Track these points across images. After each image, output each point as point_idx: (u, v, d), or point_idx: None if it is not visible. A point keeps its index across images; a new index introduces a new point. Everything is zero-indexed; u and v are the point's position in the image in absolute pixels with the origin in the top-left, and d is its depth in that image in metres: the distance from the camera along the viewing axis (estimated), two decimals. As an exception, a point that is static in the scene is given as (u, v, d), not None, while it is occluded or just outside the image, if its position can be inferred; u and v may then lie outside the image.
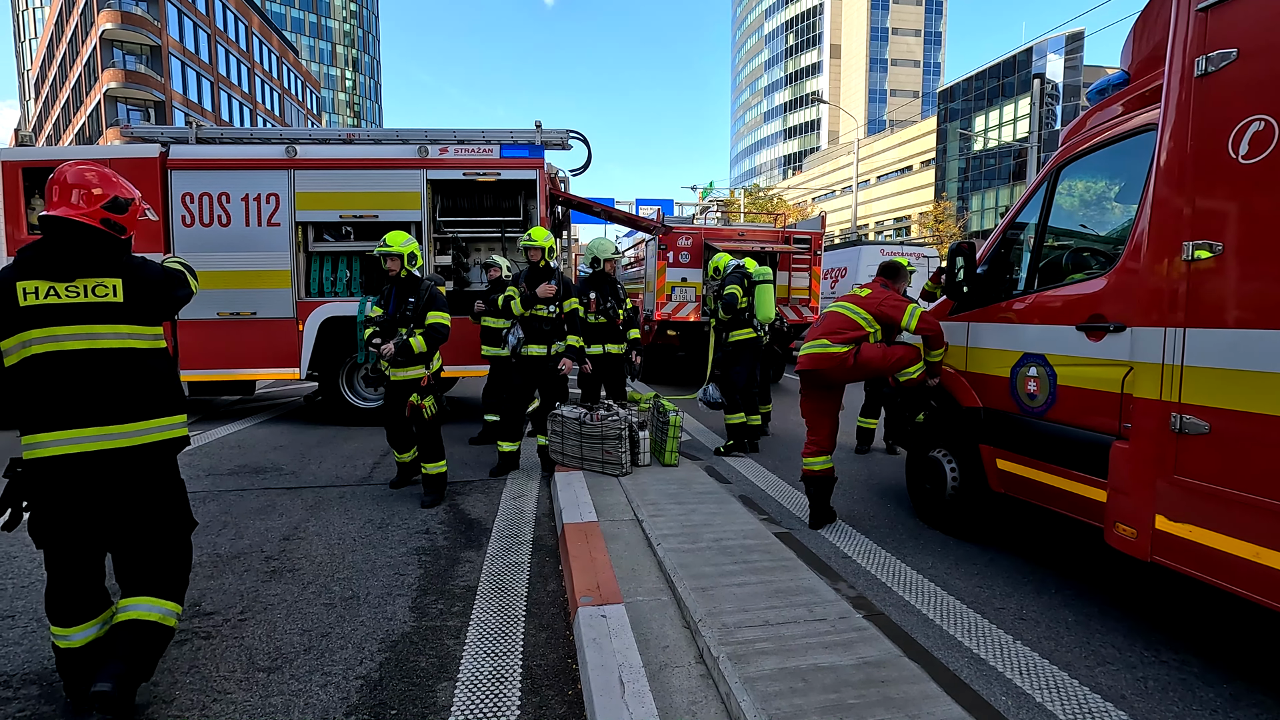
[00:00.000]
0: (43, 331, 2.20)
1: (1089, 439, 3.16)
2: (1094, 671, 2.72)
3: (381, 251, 4.83)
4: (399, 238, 4.86)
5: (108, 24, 41.15)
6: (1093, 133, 3.50)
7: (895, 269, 4.58)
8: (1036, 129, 25.83)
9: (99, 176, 2.35)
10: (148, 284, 2.37)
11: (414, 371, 4.82)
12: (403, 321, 4.80)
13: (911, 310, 4.15)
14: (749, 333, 6.57)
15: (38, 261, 2.23)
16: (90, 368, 2.25)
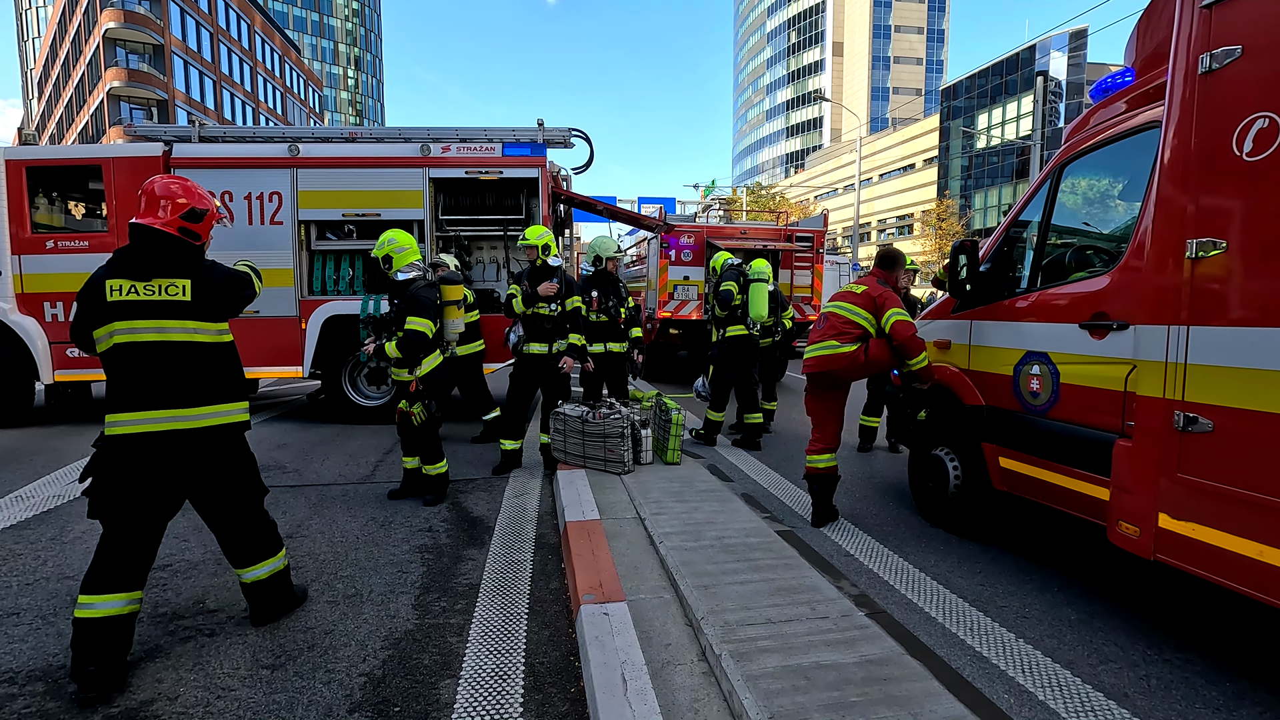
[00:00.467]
0: (123, 324, 2.55)
1: (1092, 437, 3.16)
2: (1096, 670, 2.72)
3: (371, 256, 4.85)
4: (403, 236, 4.78)
5: (111, 23, 41.22)
6: (1096, 130, 3.49)
7: (890, 258, 4.50)
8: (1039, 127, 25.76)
9: (182, 189, 2.69)
10: (213, 285, 2.67)
11: (405, 374, 4.73)
12: (388, 324, 4.75)
13: (890, 314, 4.12)
14: (741, 329, 6.60)
15: (123, 263, 2.58)
16: (160, 357, 2.58)
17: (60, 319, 7.37)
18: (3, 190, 7.30)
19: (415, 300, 4.53)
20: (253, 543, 2.92)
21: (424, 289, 4.64)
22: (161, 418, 2.58)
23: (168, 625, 3.03)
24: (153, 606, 3.21)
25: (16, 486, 5.17)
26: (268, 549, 2.97)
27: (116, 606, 2.51)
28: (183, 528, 4.31)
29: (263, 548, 2.95)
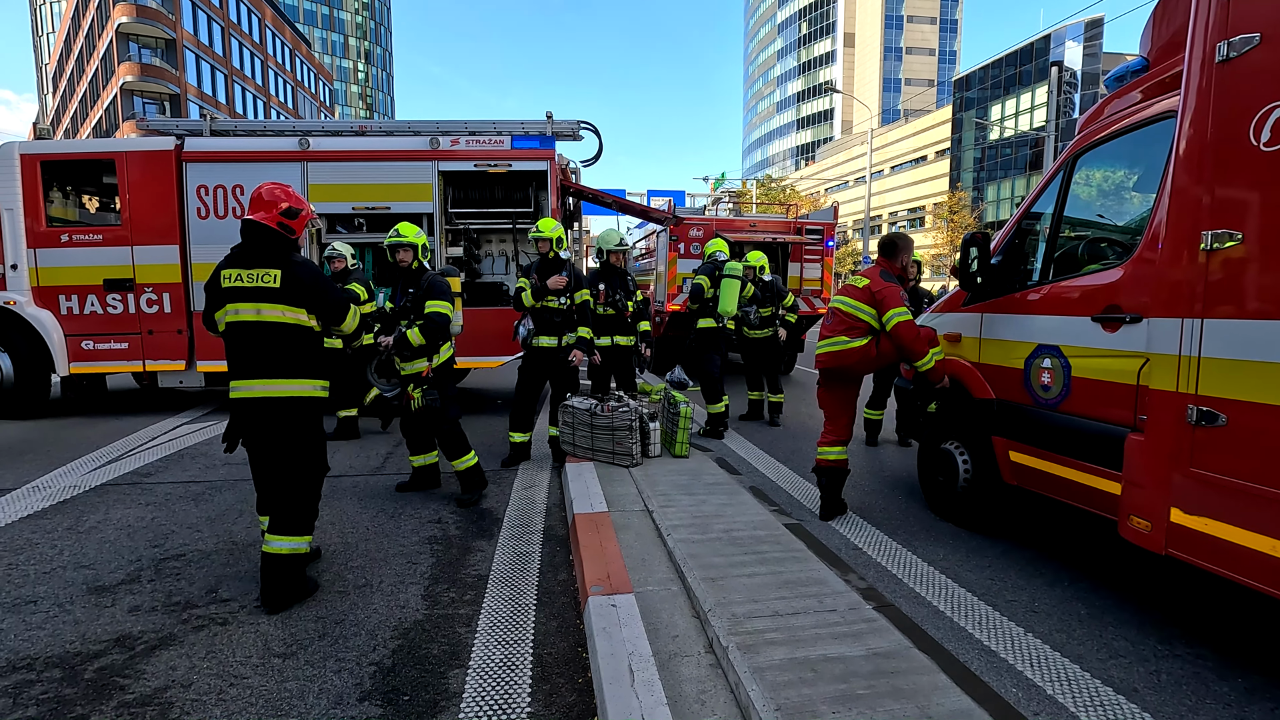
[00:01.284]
0: (233, 305, 3.10)
1: (1103, 431, 3.13)
2: (1106, 664, 2.70)
3: (393, 243, 4.64)
4: (411, 229, 4.67)
5: (123, 18, 41.46)
6: (1110, 120, 3.44)
7: (891, 244, 4.42)
8: (1054, 117, 25.48)
9: (283, 192, 3.19)
10: (298, 278, 3.11)
11: (419, 364, 4.63)
12: (404, 314, 4.62)
13: (891, 316, 4.04)
14: (710, 322, 6.64)
15: (235, 254, 3.13)
16: (256, 335, 3.10)
17: (75, 311, 7.45)
18: (18, 184, 7.38)
19: (435, 285, 4.53)
20: (288, 514, 3.15)
21: (438, 276, 4.65)
22: (257, 385, 3.10)
23: (181, 614, 3.07)
24: (166, 595, 3.25)
25: (34, 477, 5.24)
26: (297, 527, 3.17)
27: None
28: (195, 518, 4.36)
29: (294, 523, 3.16)
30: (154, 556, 3.73)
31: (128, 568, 3.58)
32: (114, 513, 4.45)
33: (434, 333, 4.49)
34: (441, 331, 4.51)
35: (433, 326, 4.47)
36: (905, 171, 67.53)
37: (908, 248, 4.46)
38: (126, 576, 3.46)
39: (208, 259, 7.50)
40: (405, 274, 4.70)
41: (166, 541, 3.95)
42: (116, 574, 3.50)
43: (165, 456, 5.92)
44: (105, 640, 2.83)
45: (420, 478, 4.99)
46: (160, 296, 7.48)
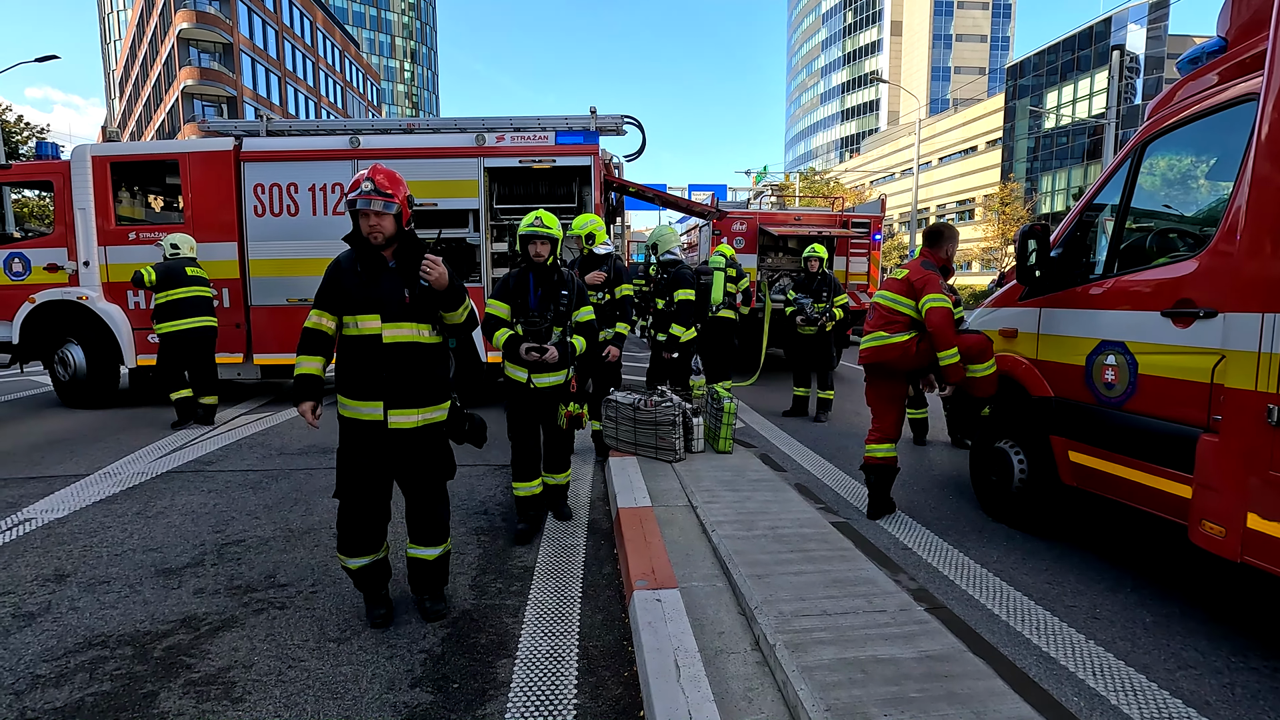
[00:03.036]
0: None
1: (1173, 431, 2.99)
2: (1174, 675, 2.59)
3: (530, 233, 3.83)
4: (552, 218, 3.92)
5: (184, 23, 43.16)
6: (1183, 105, 3.27)
7: (936, 232, 4.31)
8: (1114, 104, 24.37)
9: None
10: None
11: (562, 375, 3.99)
12: (558, 320, 3.91)
13: (926, 300, 3.93)
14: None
15: None
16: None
17: (142, 306, 7.81)
18: (90, 185, 7.75)
19: (585, 290, 4.12)
20: (436, 524, 3.04)
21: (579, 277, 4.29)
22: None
23: (242, 597, 3.19)
24: (228, 579, 3.38)
25: (105, 464, 5.52)
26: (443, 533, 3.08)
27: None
28: (254, 505, 4.52)
29: (440, 530, 3.07)
30: (216, 541, 3.88)
31: (192, 552, 3.73)
32: (179, 499, 4.65)
33: (596, 338, 4.26)
34: (595, 339, 4.29)
35: (595, 333, 4.21)
36: (954, 163, 65.64)
37: (953, 237, 4.34)
38: (191, 560, 3.61)
39: (264, 255, 7.77)
40: (545, 270, 3.97)
41: (227, 527, 4.11)
42: (182, 557, 3.65)
43: (225, 446, 6.15)
44: (172, 621, 2.96)
45: (540, 507, 4.20)
46: (220, 291, 7.77)
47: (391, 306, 2.77)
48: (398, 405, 2.80)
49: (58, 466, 5.43)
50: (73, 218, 7.79)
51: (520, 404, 3.98)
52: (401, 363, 2.80)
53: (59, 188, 7.86)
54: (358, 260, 2.79)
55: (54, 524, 4.14)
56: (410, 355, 2.81)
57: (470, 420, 3.06)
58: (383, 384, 2.77)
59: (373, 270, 2.79)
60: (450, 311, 2.85)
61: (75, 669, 2.59)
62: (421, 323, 2.82)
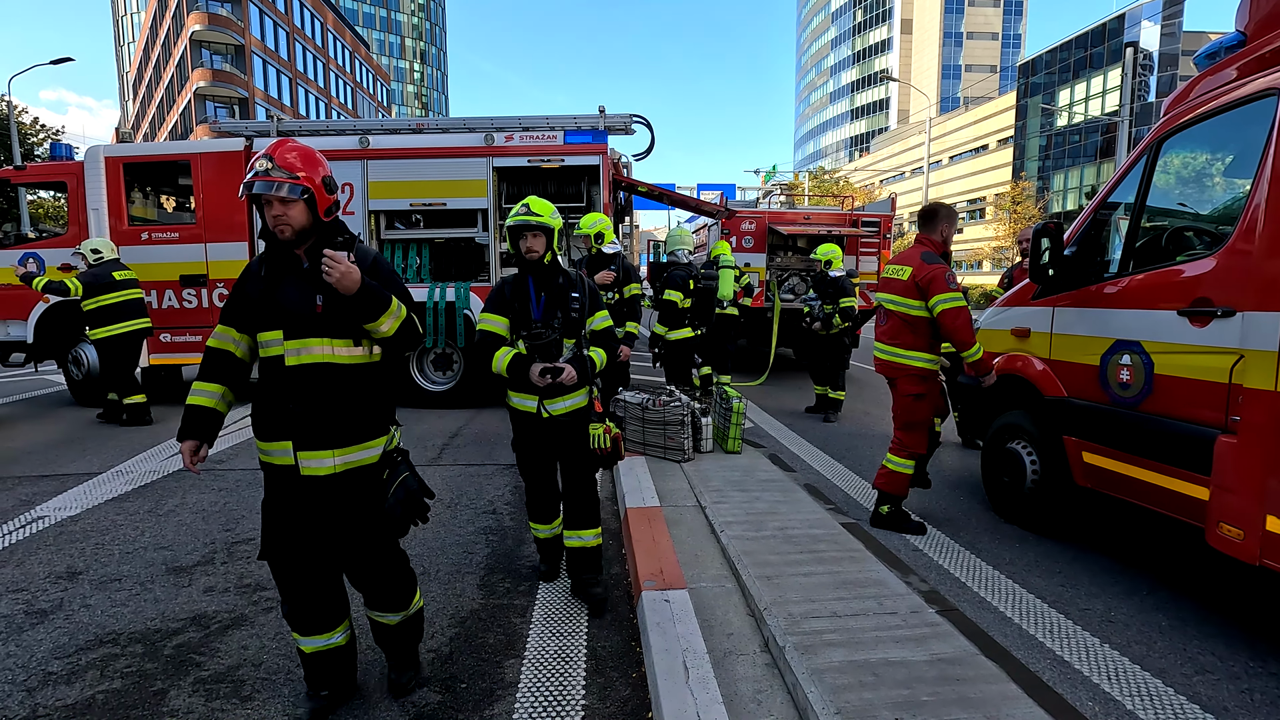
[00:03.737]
0: None
1: (1190, 432, 2.94)
2: (1191, 680, 2.54)
3: (520, 223, 2.98)
4: (546, 206, 3.06)
5: (196, 25, 43.52)
6: (1201, 101, 3.22)
7: (931, 214, 4.09)
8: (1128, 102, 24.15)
9: None
10: None
11: (584, 396, 3.16)
12: (569, 329, 3.08)
13: (937, 301, 3.79)
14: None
15: None
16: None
17: (154, 306, 7.85)
18: (103, 186, 7.82)
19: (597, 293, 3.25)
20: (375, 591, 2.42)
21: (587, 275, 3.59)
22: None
23: (251, 595, 3.19)
24: (238, 577, 3.39)
25: (117, 462, 5.56)
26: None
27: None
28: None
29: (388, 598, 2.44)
30: (226, 540, 3.89)
31: (202, 550, 3.75)
32: (190, 497, 4.68)
33: (616, 348, 3.30)
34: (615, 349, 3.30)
35: (615, 342, 3.29)
36: (965, 161, 65.20)
37: (949, 216, 4.10)
38: (202, 558, 3.63)
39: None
40: (545, 270, 3.08)
41: (237, 526, 4.13)
42: (192, 555, 3.67)
43: (235, 444, 6.18)
44: (183, 619, 2.97)
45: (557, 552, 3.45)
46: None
47: (297, 319, 2.14)
48: (308, 445, 2.14)
49: (70, 465, 5.48)
50: (86, 218, 7.86)
51: (530, 439, 3.18)
52: (310, 390, 2.14)
53: (73, 188, 7.94)
54: (265, 261, 2.21)
55: (66, 522, 4.18)
56: (322, 380, 2.15)
57: (402, 486, 2.29)
58: (289, 419, 2.14)
59: (279, 273, 2.18)
60: (371, 322, 2.17)
61: (86, 666, 2.60)
62: (339, 338, 2.17)
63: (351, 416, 2.21)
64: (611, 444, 3.15)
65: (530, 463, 3.25)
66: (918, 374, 3.95)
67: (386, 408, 2.33)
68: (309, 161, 2.16)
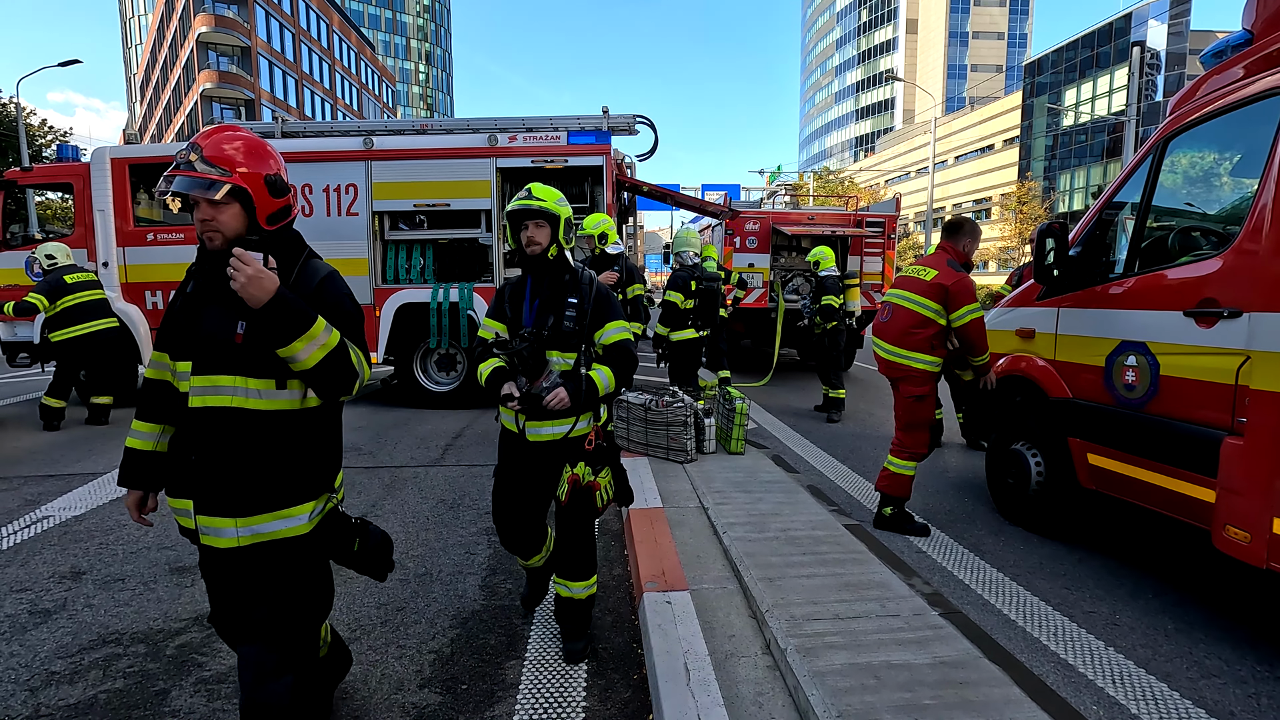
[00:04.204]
0: None
1: (1196, 434, 2.92)
2: (1197, 684, 2.52)
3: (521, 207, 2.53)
4: (552, 192, 2.59)
5: (203, 27, 43.75)
6: (1207, 100, 3.19)
7: (957, 226, 4.14)
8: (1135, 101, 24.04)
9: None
10: None
11: (568, 424, 2.58)
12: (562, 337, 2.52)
13: (965, 311, 3.82)
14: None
15: None
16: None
17: (159, 306, 7.90)
18: (109, 187, 7.85)
19: (610, 297, 2.66)
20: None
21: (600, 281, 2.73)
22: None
23: (254, 596, 3.20)
24: (240, 578, 3.39)
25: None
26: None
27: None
28: (267, 504, 4.54)
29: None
30: (229, 540, 3.90)
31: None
32: (193, 497, 4.68)
33: (631, 369, 2.66)
34: (636, 363, 2.70)
35: (631, 361, 2.63)
36: (970, 161, 65.06)
37: (973, 233, 4.16)
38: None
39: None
40: (549, 267, 2.60)
41: (241, 526, 4.13)
42: (195, 555, 3.67)
43: (240, 445, 6.19)
44: (185, 619, 2.98)
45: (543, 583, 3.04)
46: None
47: (211, 349, 1.73)
48: (208, 509, 1.76)
49: (75, 465, 5.50)
50: (92, 219, 7.89)
51: (507, 462, 2.69)
52: (214, 441, 1.73)
53: (79, 190, 7.97)
54: (193, 275, 1.83)
55: (71, 522, 4.19)
56: (230, 429, 1.73)
57: (363, 535, 2.01)
58: (190, 472, 1.77)
59: (206, 291, 1.78)
60: (283, 346, 1.67)
61: (89, 666, 2.61)
62: (258, 377, 1.72)
63: (264, 478, 1.74)
64: (574, 496, 2.53)
65: (501, 488, 2.72)
66: (921, 375, 3.93)
67: (321, 469, 1.86)
68: (251, 154, 1.77)
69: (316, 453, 1.86)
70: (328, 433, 1.91)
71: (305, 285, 1.80)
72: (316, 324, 1.70)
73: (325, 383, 1.76)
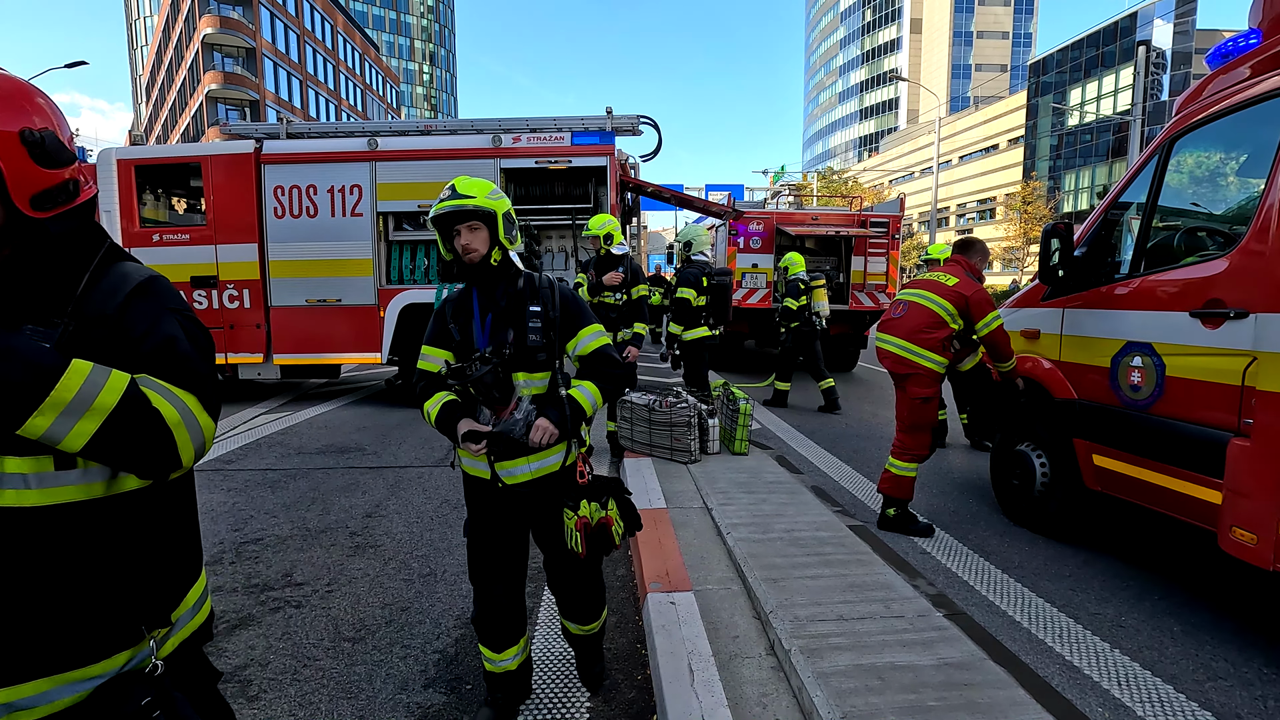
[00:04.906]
0: None
1: (1202, 435, 2.90)
2: (1204, 686, 2.51)
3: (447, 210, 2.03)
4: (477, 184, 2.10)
5: (208, 29, 43.92)
6: (1213, 100, 3.18)
7: (970, 244, 4.27)
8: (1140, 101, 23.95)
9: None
10: None
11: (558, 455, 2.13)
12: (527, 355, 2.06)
13: (990, 318, 3.92)
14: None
15: None
16: None
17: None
18: (115, 188, 7.89)
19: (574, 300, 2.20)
20: None
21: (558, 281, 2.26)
22: None
23: (259, 595, 3.21)
24: (246, 577, 3.41)
25: (128, 462, 5.59)
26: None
27: None
28: (272, 504, 4.56)
29: None
30: (235, 540, 3.92)
31: (211, 549, 3.77)
32: (199, 496, 4.68)
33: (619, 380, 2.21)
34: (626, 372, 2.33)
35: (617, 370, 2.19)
36: (975, 161, 64.91)
37: (983, 253, 4.29)
38: (210, 558, 3.65)
39: (283, 256, 7.86)
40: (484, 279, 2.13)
41: (246, 526, 4.15)
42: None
43: (245, 445, 6.22)
44: (191, 618, 2.99)
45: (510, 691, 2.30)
46: (241, 293, 7.87)
47: None
48: None
49: (83, 464, 5.52)
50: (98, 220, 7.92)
51: (483, 517, 2.18)
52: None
53: (85, 191, 8.00)
54: None
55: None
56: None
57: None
58: None
59: None
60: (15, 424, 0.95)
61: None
62: (17, 453, 1.00)
63: (36, 618, 1.03)
64: (590, 541, 2.07)
65: (480, 549, 2.19)
66: (929, 376, 3.93)
67: (147, 592, 1.13)
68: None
69: (139, 565, 1.13)
70: (163, 528, 1.18)
71: (103, 304, 1.12)
72: (67, 379, 0.97)
73: (124, 462, 1.05)
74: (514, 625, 2.23)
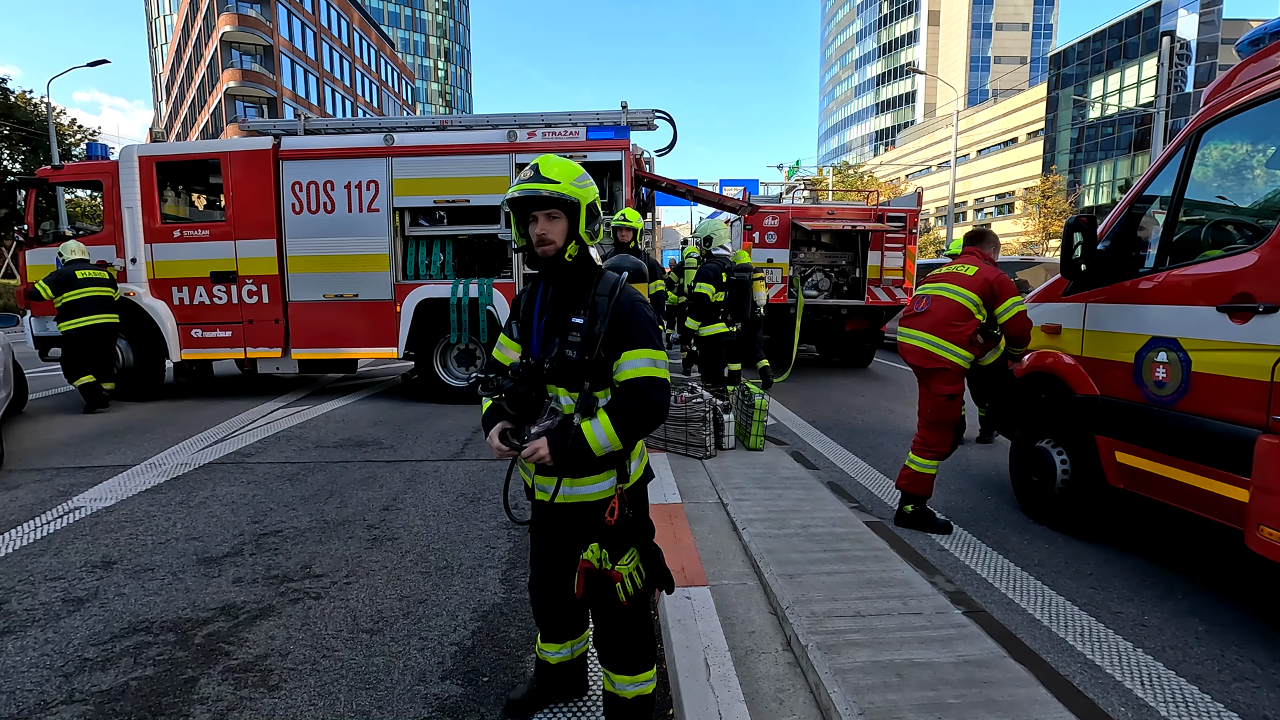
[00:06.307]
0: None
1: (1229, 432, 2.85)
2: (1230, 687, 2.47)
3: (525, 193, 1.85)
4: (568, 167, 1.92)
5: (227, 26, 44.39)
6: (1244, 89, 3.11)
7: (982, 235, 4.22)
8: (1165, 92, 23.48)
9: None
10: None
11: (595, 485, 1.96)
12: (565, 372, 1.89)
13: (1012, 303, 3.86)
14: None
15: None
16: None
17: (186, 302, 8.04)
18: (137, 184, 8.00)
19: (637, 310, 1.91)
20: None
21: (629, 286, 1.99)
22: None
23: (279, 586, 3.25)
24: (265, 569, 3.45)
25: (151, 454, 5.69)
26: None
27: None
28: (291, 497, 4.61)
29: None
30: (255, 532, 3.97)
31: (232, 541, 3.82)
32: (220, 489, 4.77)
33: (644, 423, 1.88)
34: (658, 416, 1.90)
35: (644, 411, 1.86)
36: (993, 155, 64.05)
37: (995, 244, 4.25)
38: (231, 550, 3.70)
39: (301, 251, 7.93)
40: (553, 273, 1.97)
41: (265, 518, 4.20)
42: (222, 546, 3.74)
43: (264, 438, 6.29)
44: (213, 608, 3.03)
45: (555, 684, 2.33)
46: (260, 287, 7.96)
47: None
48: None
49: (106, 457, 5.62)
50: (121, 216, 8.04)
51: (533, 526, 2.15)
52: None
53: (108, 187, 8.13)
54: None
55: (102, 512, 4.28)
56: None
57: None
58: None
59: None
60: None
61: (120, 653, 2.66)
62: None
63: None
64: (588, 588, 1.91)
65: (537, 552, 2.16)
66: (955, 371, 3.89)
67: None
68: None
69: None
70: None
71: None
72: None
73: None
74: (561, 624, 2.21)
